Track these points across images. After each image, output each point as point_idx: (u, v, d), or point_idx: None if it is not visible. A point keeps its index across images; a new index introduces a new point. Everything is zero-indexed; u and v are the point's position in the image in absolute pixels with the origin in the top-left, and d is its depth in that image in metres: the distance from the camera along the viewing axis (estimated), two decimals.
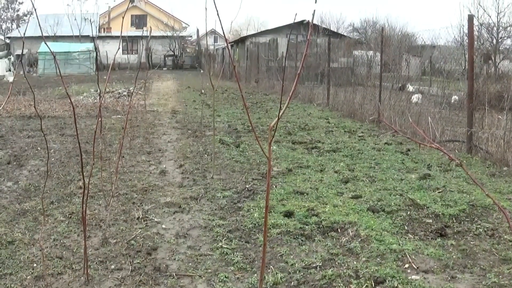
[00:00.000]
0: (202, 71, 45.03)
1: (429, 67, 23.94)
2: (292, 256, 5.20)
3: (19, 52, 54.42)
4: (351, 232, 5.86)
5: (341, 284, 4.62)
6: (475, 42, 13.17)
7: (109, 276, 4.81)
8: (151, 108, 18.42)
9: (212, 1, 3.19)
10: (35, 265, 4.97)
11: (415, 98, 16.74)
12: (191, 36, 70.64)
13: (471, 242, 5.61)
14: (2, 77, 40.56)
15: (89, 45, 51.05)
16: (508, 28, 31.83)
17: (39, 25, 4.53)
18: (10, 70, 45.95)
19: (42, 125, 5.16)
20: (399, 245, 5.45)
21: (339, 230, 5.96)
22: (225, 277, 4.78)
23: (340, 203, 6.95)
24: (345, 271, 4.85)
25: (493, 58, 25.14)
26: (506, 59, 23.82)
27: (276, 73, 29.54)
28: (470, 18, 11.15)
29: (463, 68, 15.54)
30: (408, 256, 5.18)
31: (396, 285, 4.60)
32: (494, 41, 30.63)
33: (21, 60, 36.70)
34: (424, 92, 18.15)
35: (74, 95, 22.41)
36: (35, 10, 2.94)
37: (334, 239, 5.68)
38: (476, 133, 10.90)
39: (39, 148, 10.69)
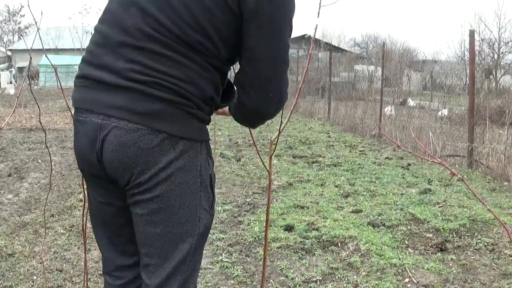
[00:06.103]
0: None
1: (430, 82, 23.99)
2: (292, 270, 5.20)
3: (20, 64, 54.50)
4: (351, 246, 5.85)
5: None
6: (476, 57, 13.21)
7: None
8: None
9: None
10: (35, 277, 4.97)
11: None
12: None
13: (471, 257, 5.60)
14: (3, 89, 40.66)
15: None
16: (510, 43, 31.95)
17: (40, 38, 4.54)
18: (11, 83, 46.07)
19: (43, 138, 5.18)
20: (399, 259, 5.45)
21: (339, 244, 5.95)
22: None
23: (340, 217, 6.95)
24: (345, 285, 4.84)
25: (494, 73, 25.22)
26: (507, 74, 23.88)
27: None
28: (471, 33, 11.18)
29: (464, 83, 15.60)
30: (408, 270, 5.17)
31: None
32: (496, 56, 30.76)
33: (27, 73, 36.72)
34: (425, 107, 18.18)
35: None
36: (36, 23, 2.94)
37: (334, 253, 5.68)
38: (477, 148, 10.91)
39: (39, 161, 10.69)
